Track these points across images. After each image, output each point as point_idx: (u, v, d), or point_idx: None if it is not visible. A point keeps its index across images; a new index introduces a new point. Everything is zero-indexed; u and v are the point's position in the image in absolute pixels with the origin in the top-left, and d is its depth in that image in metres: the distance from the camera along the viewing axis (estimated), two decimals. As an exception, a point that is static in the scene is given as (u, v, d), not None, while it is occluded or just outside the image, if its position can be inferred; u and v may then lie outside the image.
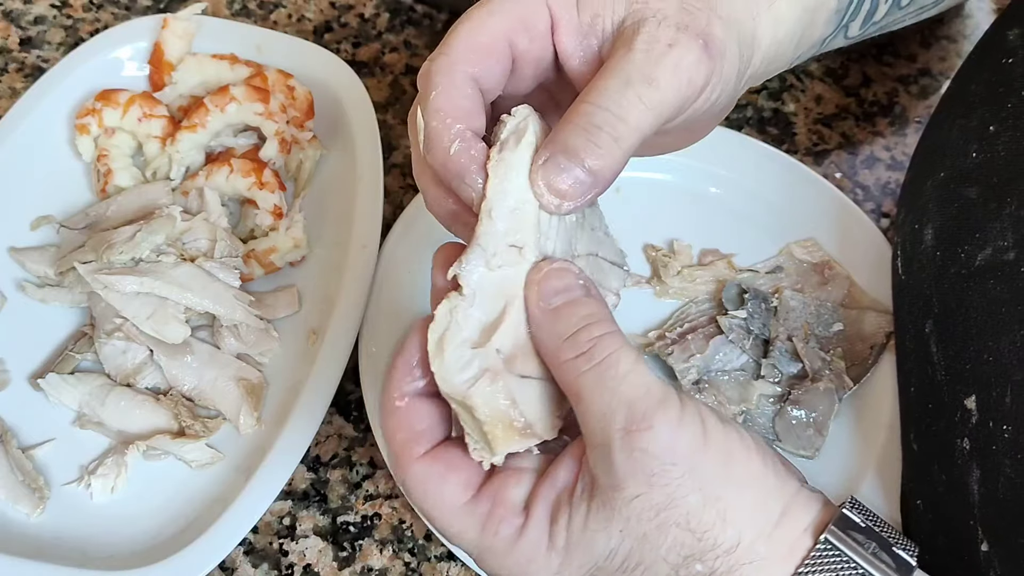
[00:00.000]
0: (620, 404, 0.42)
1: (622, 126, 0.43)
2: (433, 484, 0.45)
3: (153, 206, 0.68)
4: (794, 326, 0.66)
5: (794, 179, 0.71)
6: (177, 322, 0.62)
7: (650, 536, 0.42)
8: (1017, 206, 0.51)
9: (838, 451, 0.63)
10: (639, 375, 0.42)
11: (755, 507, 0.43)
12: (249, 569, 0.60)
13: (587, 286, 0.45)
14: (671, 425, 0.41)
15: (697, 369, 0.65)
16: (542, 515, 0.44)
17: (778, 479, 0.44)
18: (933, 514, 0.55)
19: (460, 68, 0.44)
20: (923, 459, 0.56)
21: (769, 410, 0.64)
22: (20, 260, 0.68)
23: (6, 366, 0.65)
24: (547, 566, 0.44)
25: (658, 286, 0.69)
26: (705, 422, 0.43)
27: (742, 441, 0.44)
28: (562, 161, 0.43)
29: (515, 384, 0.44)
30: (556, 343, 0.44)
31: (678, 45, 0.44)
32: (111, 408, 0.62)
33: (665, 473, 0.42)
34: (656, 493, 0.42)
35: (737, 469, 0.43)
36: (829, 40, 0.51)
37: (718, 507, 0.42)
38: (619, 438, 0.42)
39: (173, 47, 0.74)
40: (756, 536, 0.43)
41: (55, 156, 0.72)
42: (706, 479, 0.42)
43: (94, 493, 0.61)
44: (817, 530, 0.44)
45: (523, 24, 0.45)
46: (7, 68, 0.79)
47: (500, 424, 0.44)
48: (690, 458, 0.42)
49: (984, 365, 0.50)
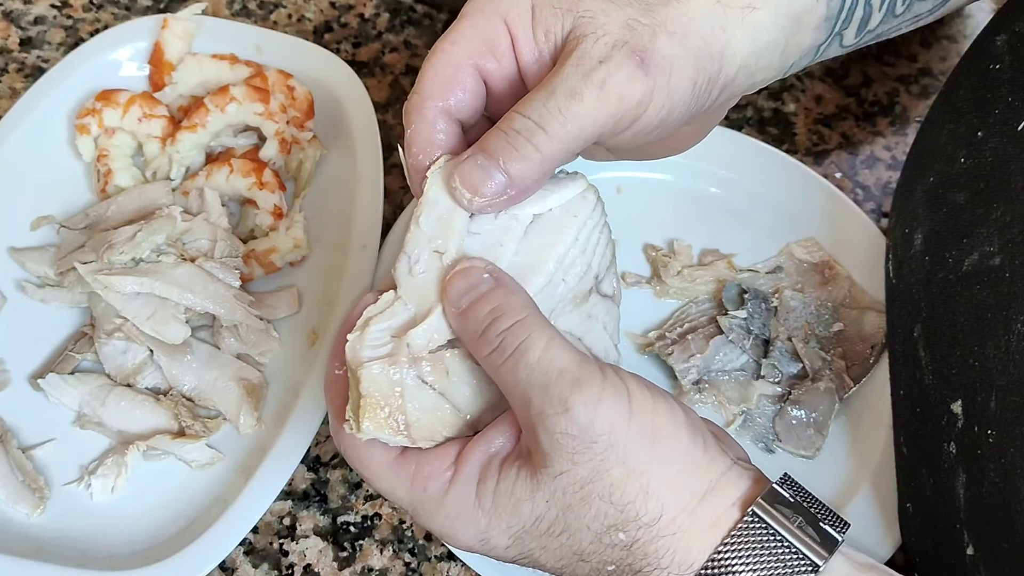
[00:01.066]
0: (535, 391, 0.43)
1: (540, 135, 0.44)
2: (363, 445, 0.47)
3: (153, 206, 0.68)
4: (794, 326, 0.66)
5: (794, 179, 0.71)
6: (177, 322, 0.62)
7: (575, 507, 0.44)
8: (1003, 211, 0.51)
9: (838, 451, 0.63)
10: (551, 358, 0.44)
11: (679, 482, 0.44)
12: (249, 569, 0.60)
13: (496, 277, 0.46)
14: (588, 405, 0.43)
15: (697, 369, 0.65)
16: (471, 473, 0.46)
17: (707, 455, 0.46)
18: (921, 517, 0.55)
19: (430, 104, 0.47)
20: (912, 462, 0.56)
21: (769, 410, 0.64)
22: (20, 260, 0.68)
23: (6, 366, 0.65)
24: (474, 523, 0.46)
25: (658, 286, 0.69)
26: (632, 397, 0.44)
27: (671, 416, 0.45)
28: (480, 159, 0.45)
29: (412, 383, 0.46)
30: (472, 342, 0.45)
31: (609, 61, 0.45)
32: (111, 408, 0.62)
33: (587, 450, 0.43)
34: (580, 469, 0.44)
35: (663, 445, 0.44)
36: (824, 48, 0.51)
37: (641, 481, 0.44)
38: (539, 423, 0.43)
39: (173, 47, 0.74)
40: (680, 510, 0.44)
41: (55, 156, 0.72)
42: (629, 454, 0.44)
43: (94, 493, 0.61)
44: (745, 504, 0.45)
45: (488, 47, 0.47)
46: (7, 68, 0.79)
47: (375, 405, 0.45)
48: (611, 434, 0.43)
49: (970, 370, 0.50)
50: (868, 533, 0.59)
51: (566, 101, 0.44)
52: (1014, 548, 0.46)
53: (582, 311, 0.49)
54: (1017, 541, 0.46)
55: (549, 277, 0.47)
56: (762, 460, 0.63)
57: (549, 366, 0.43)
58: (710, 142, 0.73)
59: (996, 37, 0.56)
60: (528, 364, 0.44)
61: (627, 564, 0.45)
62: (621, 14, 0.46)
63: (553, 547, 0.45)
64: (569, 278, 0.48)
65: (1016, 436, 0.46)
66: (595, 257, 0.49)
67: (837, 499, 0.61)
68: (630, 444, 0.44)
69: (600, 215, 0.50)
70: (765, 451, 0.64)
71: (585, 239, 0.49)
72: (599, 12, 0.46)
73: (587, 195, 0.50)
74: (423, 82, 0.47)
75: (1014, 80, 0.54)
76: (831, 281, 0.68)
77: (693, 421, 0.46)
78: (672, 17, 0.46)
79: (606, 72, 0.44)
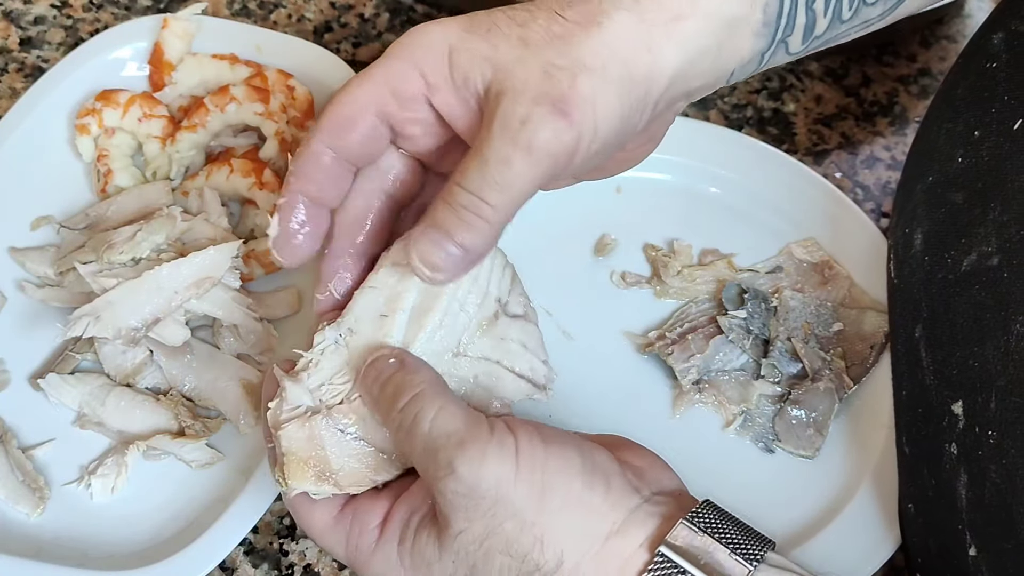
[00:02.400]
0: (429, 458, 0.46)
1: (486, 208, 0.45)
2: (305, 506, 0.50)
3: (153, 206, 0.68)
4: (794, 326, 0.66)
5: (794, 179, 0.71)
6: (177, 325, 0.62)
7: (479, 565, 0.46)
8: (1000, 211, 0.51)
9: (838, 451, 0.63)
10: (441, 425, 0.46)
11: (576, 528, 0.46)
12: (249, 569, 0.60)
13: (400, 360, 0.49)
14: (472, 464, 0.45)
15: (697, 369, 0.65)
16: (392, 535, 0.48)
17: (608, 498, 0.47)
18: (924, 518, 0.55)
19: (316, 139, 0.49)
20: (914, 463, 0.56)
21: (769, 410, 0.64)
22: (20, 260, 0.68)
23: (6, 366, 0.65)
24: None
25: (658, 286, 0.69)
26: (519, 452, 0.46)
27: (564, 463, 0.46)
28: (434, 236, 0.46)
29: (331, 435, 0.49)
30: (385, 424, 0.49)
31: (530, 121, 0.44)
32: (111, 408, 0.62)
33: (476, 508, 0.45)
34: (475, 525, 0.45)
35: (553, 495, 0.46)
36: (769, 56, 0.51)
37: (534, 532, 0.45)
38: (434, 487, 0.46)
39: (173, 47, 0.74)
40: (581, 557, 0.45)
41: (55, 156, 0.72)
42: (518, 507, 0.45)
43: (94, 493, 0.61)
44: (653, 544, 0.46)
45: (392, 92, 0.48)
46: (7, 68, 0.79)
47: (297, 462, 0.49)
48: (497, 490, 0.45)
49: (970, 370, 0.50)
50: (868, 533, 0.59)
51: (499, 170, 0.45)
52: (1017, 549, 0.46)
53: (494, 335, 0.51)
54: (1020, 541, 0.46)
55: (444, 311, 0.50)
56: (762, 460, 0.63)
57: (439, 432, 0.46)
58: (710, 142, 0.73)
59: (993, 36, 0.56)
60: (421, 434, 0.46)
61: None
62: (538, 61, 0.45)
63: None
64: (468, 306, 0.51)
65: (1017, 437, 0.46)
66: (491, 284, 0.52)
67: (837, 499, 0.61)
68: (518, 498, 0.45)
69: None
70: (765, 451, 0.64)
71: (475, 272, 0.50)
72: (516, 62, 0.46)
73: None
74: (321, 117, 0.49)
75: (1011, 79, 0.53)
76: (831, 281, 0.68)
77: (592, 466, 0.47)
78: (591, 50, 0.45)
79: (530, 134, 0.44)
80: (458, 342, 0.51)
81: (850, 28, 0.52)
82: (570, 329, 0.67)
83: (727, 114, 0.78)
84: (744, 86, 0.79)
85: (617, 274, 0.69)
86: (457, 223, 0.46)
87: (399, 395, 0.47)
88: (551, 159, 0.45)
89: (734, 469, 0.63)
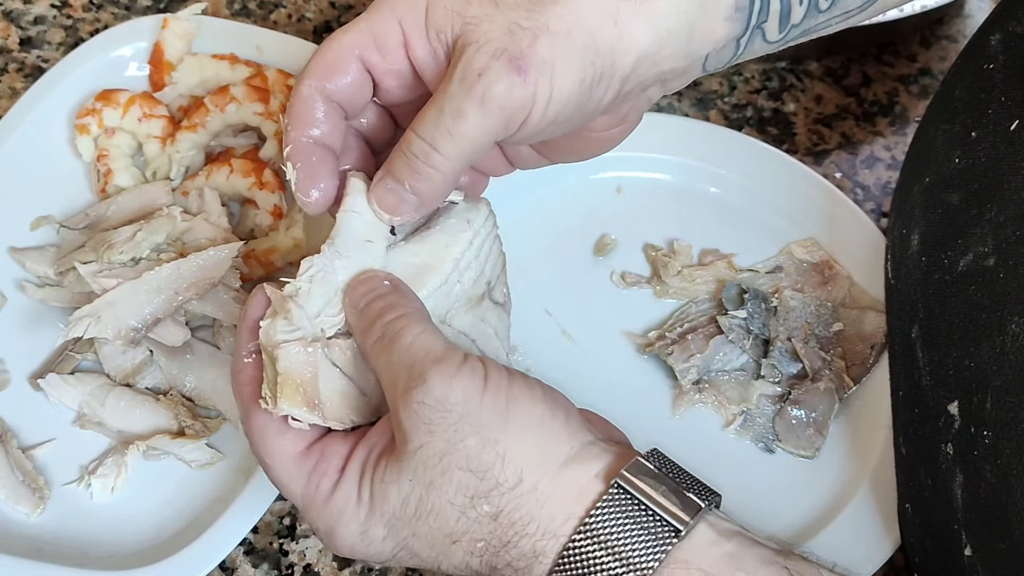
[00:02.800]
0: (402, 369, 0.46)
1: (436, 156, 0.48)
2: (272, 434, 0.50)
3: (153, 206, 0.68)
4: (794, 326, 0.66)
5: (794, 179, 0.71)
6: (177, 325, 0.62)
7: (436, 482, 0.46)
8: (996, 212, 0.51)
9: (838, 451, 0.63)
10: (422, 342, 0.47)
11: (536, 448, 0.46)
12: (249, 569, 0.60)
13: (394, 284, 0.50)
14: (444, 377, 0.45)
15: (697, 369, 0.65)
16: (354, 471, 0.48)
17: (567, 426, 0.48)
18: (920, 518, 0.55)
19: (307, 82, 0.50)
20: (911, 463, 0.56)
21: (769, 410, 0.64)
22: (20, 260, 0.68)
23: (6, 366, 0.65)
24: (355, 517, 0.48)
25: (658, 286, 0.69)
26: (488, 374, 0.47)
27: (527, 390, 0.47)
28: (390, 183, 0.49)
29: (325, 366, 0.49)
30: (362, 335, 0.49)
31: (487, 74, 0.46)
32: (111, 408, 0.62)
33: (442, 420, 0.45)
34: (437, 440, 0.46)
35: (517, 413, 0.46)
36: (746, 43, 0.51)
37: (497, 448, 0.46)
38: (401, 397, 0.46)
39: (173, 47, 0.74)
40: (540, 476, 0.46)
41: (55, 156, 0.72)
42: (483, 422, 0.46)
43: (94, 493, 0.61)
44: (608, 476, 0.46)
45: (375, 40, 0.50)
46: (7, 68, 0.79)
47: (293, 384, 0.48)
48: (464, 404, 0.45)
49: (966, 371, 0.50)
50: (868, 533, 0.59)
51: (453, 121, 0.47)
52: (1011, 549, 0.46)
53: (476, 314, 0.53)
54: (1014, 542, 0.46)
55: (447, 276, 0.51)
56: (762, 460, 0.63)
57: (418, 348, 0.47)
58: (710, 142, 0.73)
59: (991, 37, 0.56)
60: (400, 347, 0.47)
61: (496, 537, 0.46)
62: (504, 19, 0.47)
63: (423, 532, 0.47)
64: (465, 279, 0.52)
65: (1011, 437, 0.46)
66: (488, 264, 0.53)
67: (837, 499, 0.61)
68: (483, 413, 0.46)
69: (492, 226, 0.54)
70: (765, 451, 0.64)
71: (479, 244, 0.52)
72: (484, 19, 0.47)
73: (479, 205, 0.54)
74: (307, 64, 0.51)
75: (1007, 80, 0.53)
76: (831, 281, 0.68)
77: (553, 397, 0.48)
78: (557, 15, 0.47)
79: (485, 85, 0.46)
80: (447, 310, 0.52)
81: (830, 18, 0.52)
82: (570, 329, 0.67)
83: (727, 114, 0.78)
84: (744, 86, 0.80)
85: (617, 274, 0.69)
86: (410, 171, 0.48)
87: (388, 311, 0.48)
88: (503, 113, 0.46)
89: (734, 469, 0.63)
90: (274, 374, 0.49)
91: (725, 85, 0.80)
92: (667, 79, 0.51)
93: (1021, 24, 0.54)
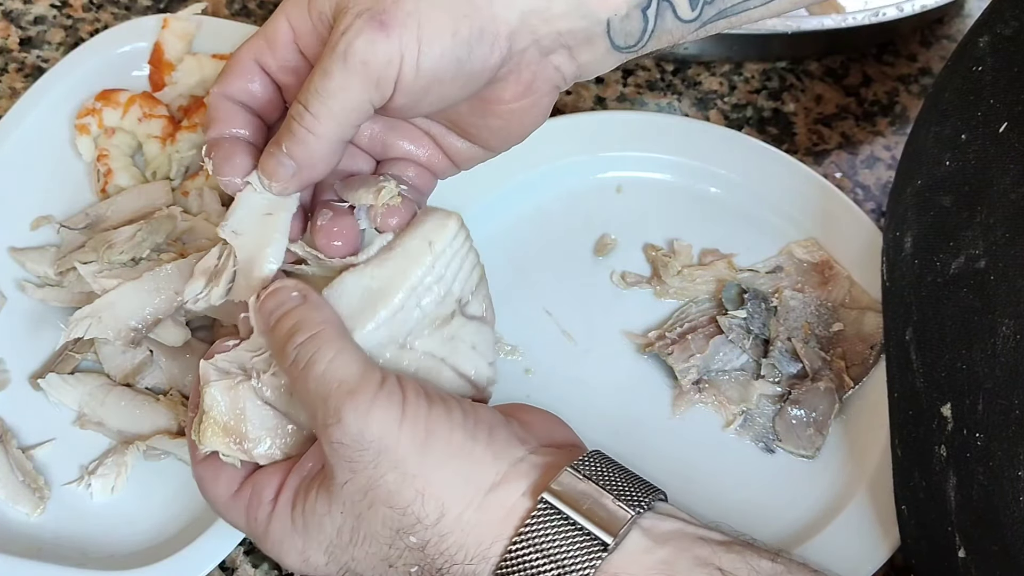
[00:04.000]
0: (318, 403, 0.46)
1: (308, 117, 0.48)
2: (209, 481, 0.51)
3: (153, 206, 0.68)
4: (794, 326, 0.66)
5: (794, 179, 0.71)
6: (177, 326, 0.62)
7: (364, 515, 0.46)
8: (987, 214, 0.51)
9: (838, 451, 0.63)
10: (335, 370, 0.46)
11: (457, 480, 0.46)
12: (249, 569, 0.60)
13: (304, 295, 0.49)
14: (359, 414, 0.45)
15: (697, 369, 0.65)
16: (286, 501, 0.48)
17: (490, 449, 0.47)
18: (915, 519, 0.55)
19: (213, 91, 0.53)
20: (906, 464, 0.56)
21: (769, 410, 0.64)
22: (20, 260, 0.68)
23: (6, 366, 0.65)
24: (293, 545, 0.48)
25: (658, 286, 0.69)
26: (406, 404, 0.46)
27: (446, 417, 0.47)
28: (272, 148, 0.50)
29: (251, 404, 0.50)
30: (278, 359, 0.49)
31: (348, 31, 0.47)
32: (111, 408, 0.62)
33: (360, 458, 0.45)
34: (359, 477, 0.46)
35: (435, 446, 0.46)
36: (655, 18, 0.50)
37: (416, 485, 0.46)
38: (321, 435, 0.46)
39: (173, 47, 0.74)
40: (464, 507, 0.46)
41: (55, 156, 0.72)
42: (399, 459, 0.45)
43: (94, 493, 0.61)
44: (536, 491, 0.46)
45: (267, 42, 0.51)
46: (7, 68, 0.79)
47: (216, 424, 0.49)
48: (380, 442, 0.45)
49: (958, 373, 0.50)
50: (868, 533, 0.59)
51: (321, 80, 0.47)
52: (1003, 551, 0.46)
53: (443, 333, 0.51)
54: (1006, 544, 0.46)
55: (401, 304, 0.50)
56: (762, 460, 0.63)
57: (331, 378, 0.46)
58: (710, 142, 0.73)
59: (979, 39, 0.56)
60: (315, 377, 0.46)
61: (428, 563, 0.46)
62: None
63: (361, 556, 0.47)
64: (424, 304, 0.51)
65: (1003, 439, 0.46)
66: (456, 283, 0.52)
67: (837, 498, 0.61)
68: (400, 449, 0.45)
69: (463, 242, 0.52)
70: (765, 451, 0.64)
71: (443, 267, 0.51)
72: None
73: (447, 222, 0.52)
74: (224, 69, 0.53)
75: (996, 83, 0.54)
76: (831, 281, 0.68)
77: (476, 419, 0.48)
78: None
79: (346, 42, 0.46)
80: (407, 334, 0.51)
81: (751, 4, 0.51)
82: (570, 329, 0.67)
83: (727, 114, 0.78)
84: (744, 86, 0.80)
85: (617, 274, 0.69)
86: (287, 135, 0.49)
87: (298, 331, 0.48)
88: (367, 69, 0.46)
89: (734, 469, 0.63)
90: (202, 413, 0.50)
91: (725, 85, 0.80)
92: (571, 45, 0.50)
93: (1009, 26, 0.54)
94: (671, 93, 0.79)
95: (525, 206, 0.70)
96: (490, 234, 0.69)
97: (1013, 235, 0.49)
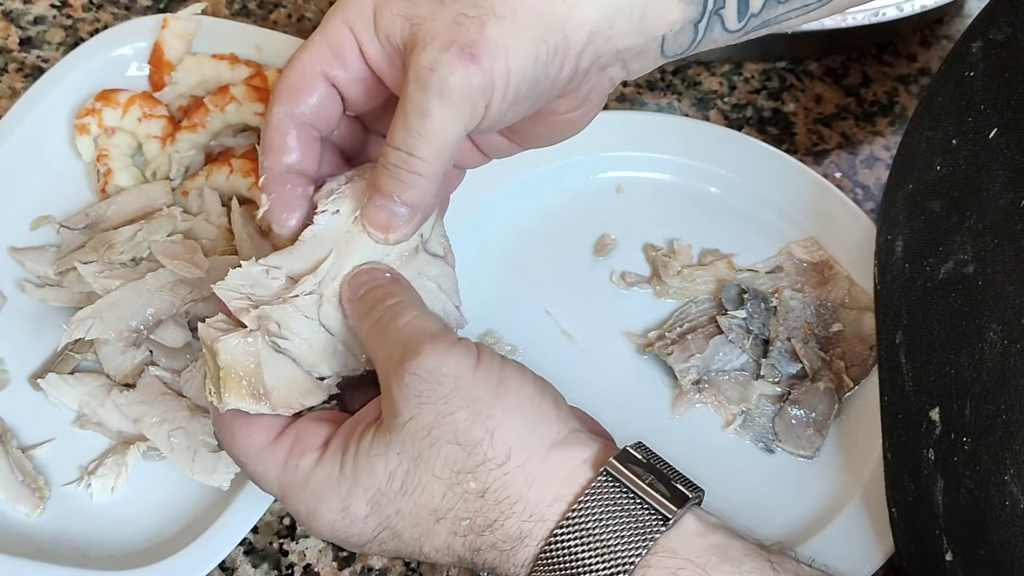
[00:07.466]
0: (397, 344, 0.47)
1: (415, 162, 0.47)
2: (239, 428, 0.49)
3: (153, 206, 0.68)
4: (794, 326, 0.66)
5: (794, 179, 0.71)
6: (178, 327, 0.62)
7: (424, 455, 0.46)
8: (976, 220, 0.51)
9: (838, 451, 0.63)
10: (419, 322, 0.48)
11: (526, 428, 0.47)
12: (249, 569, 0.60)
13: (394, 277, 0.51)
14: (438, 351, 0.46)
15: (697, 369, 0.65)
16: (337, 447, 0.48)
17: (556, 410, 0.48)
18: (905, 522, 0.55)
19: (276, 110, 0.50)
20: (896, 468, 0.56)
21: (769, 410, 0.64)
22: (20, 260, 0.68)
23: (6, 366, 0.65)
24: (337, 492, 0.47)
25: (658, 286, 0.69)
26: (481, 354, 0.48)
27: (520, 372, 0.48)
28: (378, 200, 0.49)
29: (267, 354, 0.49)
30: (360, 321, 0.50)
31: (439, 67, 0.46)
32: (111, 408, 0.62)
33: (432, 392, 0.46)
34: (426, 412, 0.46)
35: (509, 391, 0.47)
36: (705, 30, 0.51)
37: (487, 424, 0.46)
38: (394, 370, 0.47)
39: (173, 47, 0.74)
40: (529, 455, 0.46)
41: (55, 156, 0.72)
42: (474, 397, 0.46)
43: (94, 493, 0.61)
44: (597, 464, 0.47)
45: (334, 53, 0.50)
46: (7, 68, 0.79)
47: (235, 376, 0.48)
48: (456, 378, 0.46)
49: (946, 378, 0.50)
50: (868, 533, 0.59)
51: (419, 122, 0.46)
52: (990, 555, 0.47)
53: (412, 268, 0.52)
54: (992, 548, 0.46)
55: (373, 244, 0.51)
56: (762, 460, 0.63)
57: (414, 327, 0.48)
58: (710, 142, 0.73)
59: (972, 44, 0.56)
60: (397, 326, 0.48)
61: (482, 515, 0.46)
62: (449, 13, 0.47)
63: (408, 509, 0.47)
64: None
65: (990, 444, 0.47)
66: None
67: (837, 498, 0.61)
68: (474, 388, 0.46)
69: None
70: (765, 451, 0.64)
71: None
72: (429, 17, 0.47)
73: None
74: (275, 90, 0.51)
75: (987, 88, 0.54)
76: (830, 281, 0.68)
77: (543, 383, 0.49)
78: (501, 1, 0.47)
79: (440, 80, 0.46)
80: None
81: (789, 11, 0.52)
82: (570, 329, 0.67)
83: (727, 114, 0.78)
84: (744, 86, 0.80)
85: (617, 274, 0.69)
86: (393, 183, 0.48)
87: (387, 297, 0.49)
88: (465, 102, 0.46)
89: (734, 469, 0.63)
90: (216, 369, 0.49)
91: (725, 85, 0.80)
92: (626, 59, 0.51)
93: (1002, 31, 0.54)
94: (671, 93, 0.79)
95: (525, 206, 0.70)
96: (490, 234, 0.69)
97: (1001, 240, 0.49)
